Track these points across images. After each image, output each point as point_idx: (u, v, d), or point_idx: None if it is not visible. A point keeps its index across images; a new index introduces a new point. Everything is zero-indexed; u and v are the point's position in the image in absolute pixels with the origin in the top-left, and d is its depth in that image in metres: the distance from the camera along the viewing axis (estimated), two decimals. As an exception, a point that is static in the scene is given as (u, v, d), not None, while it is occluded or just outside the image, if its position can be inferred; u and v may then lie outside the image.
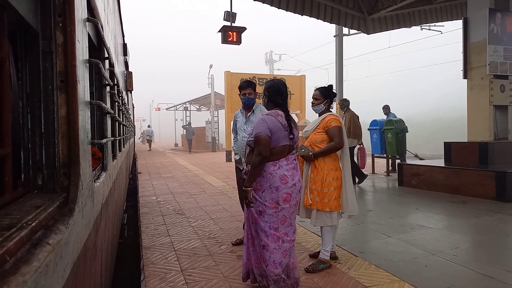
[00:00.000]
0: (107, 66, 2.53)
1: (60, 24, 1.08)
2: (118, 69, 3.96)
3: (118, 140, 3.37)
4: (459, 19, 10.32)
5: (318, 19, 9.36)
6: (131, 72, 7.28)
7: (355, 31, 11.56)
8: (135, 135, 19.47)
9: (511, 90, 6.95)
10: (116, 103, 3.22)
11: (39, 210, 0.89)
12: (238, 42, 8.61)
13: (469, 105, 7.03)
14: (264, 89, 2.56)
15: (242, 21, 8.72)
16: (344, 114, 7.30)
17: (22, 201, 0.97)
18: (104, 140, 2.00)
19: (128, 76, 6.89)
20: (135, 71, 7.81)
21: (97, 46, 2.09)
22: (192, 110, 28.16)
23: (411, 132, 8.73)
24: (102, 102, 1.99)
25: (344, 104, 7.46)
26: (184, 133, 22.60)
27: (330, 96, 3.09)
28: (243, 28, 8.59)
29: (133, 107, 15.77)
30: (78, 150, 1.13)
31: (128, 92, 7.35)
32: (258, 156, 2.23)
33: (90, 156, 1.43)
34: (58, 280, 0.84)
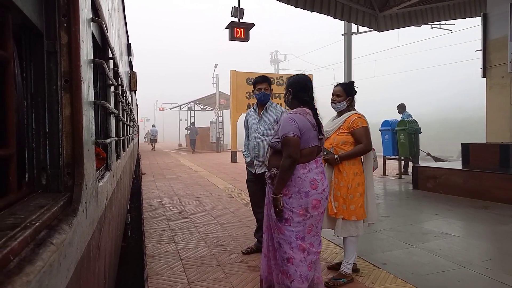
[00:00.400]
0: (111, 66, 2.54)
1: (65, 24, 1.09)
2: (122, 69, 3.97)
3: (122, 140, 3.38)
4: (476, 16, 9.94)
5: (328, 16, 9.04)
6: (135, 72, 7.31)
7: (364, 30, 11.17)
8: (139, 135, 19.53)
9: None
10: (120, 103, 3.23)
11: (43, 210, 0.89)
12: (246, 39, 8.22)
13: (488, 105, 6.69)
14: (287, 85, 2.33)
15: (248, 21, 8.61)
16: None
17: (26, 200, 0.97)
18: (108, 140, 2.01)
19: (132, 76, 6.92)
20: (140, 71, 7.84)
21: (101, 46, 2.10)
22: (196, 110, 28.17)
23: (418, 133, 8.63)
24: (106, 102, 1.99)
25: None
26: (188, 133, 22.63)
27: (353, 93, 2.83)
28: (251, 25, 8.22)
29: (137, 107, 15.84)
30: (82, 150, 1.13)
31: (132, 92, 7.38)
32: (288, 158, 2.04)
33: (94, 156, 1.43)
34: (62, 280, 0.84)
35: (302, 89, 2.25)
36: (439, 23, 12.07)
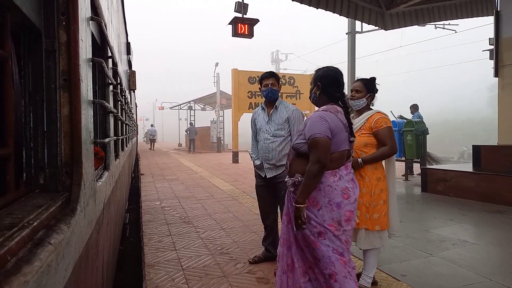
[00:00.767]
0: (110, 65, 2.53)
1: (64, 23, 1.08)
2: (121, 68, 3.97)
3: (120, 140, 3.37)
4: (485, 15, 9.71)
5: (334, 13, 8.81)
6: (134, 71, 7.30)
7: (368, 29, 11.02)
8: (137, 134, 19.51)
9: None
10: (119, 102, 3.23)
11: (41, 210, 0.89)
12: (250, 36, 7.84)
13: (500, 105, 6.52)
14: (314, 78, 2.05)
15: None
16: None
17: (24, 200, 0.96)
18: (107, 140, 2.00)
19: (131, 75, 6.91)
20: (139, 70, 7.82)
21: (100, 45, 2.09)
22: (196, 110, 28.08)
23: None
24: (105, 101, 1.98)
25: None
26: (188, 133, 22.58)
27: (374, 90, 2.60)
28: (256, 20, 7.85)
29: (136, 106, 15.83)
30: (81, 149, 1.13)
31: (131, 91, 7.37)
32: (316, 164, 1.77)
33: (92, 156, 1.42)
34: (60, 280, 0.84)
35: (333, 83, 1.99)
36: (443, 23, 11.82)
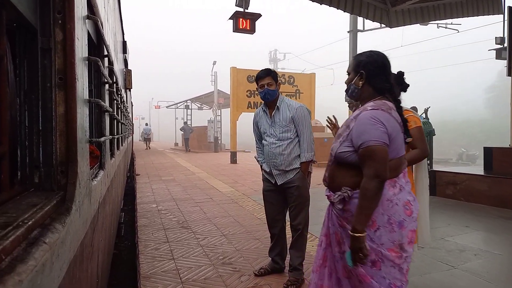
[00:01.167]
0: (106, 64, 2.52)
1: (60, 21, 1.08)
2: (117, 67, 3.95)
3: (116, 139, 3.35)
4: (494, 13, 9.56)
5: (338, 9, 8.56)
6: (131, 70, 7.27)
7: (370, 27, 10.91)
8: (133, 133, 19.41)
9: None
10: (115, 101, 3.21)
11: (35, 209, 0.88)
12: (251, 31, 7.41)
13: None
14: (355, 65, 1.64)
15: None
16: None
17: (19, 199, 0.96)
18: (102, 139, 2.00)
19: (127, 74, 6.88)
20: (135, 70, 7.77)
21: (96, 43, 2.08)
22: (193, 109, 27.99)
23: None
24: (100, 100, 1.98)
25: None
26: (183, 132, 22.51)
27: (403, 87, 2.21)
28: (258, 15, 7.40)
29: (132, 105, 15.76)
30: (76, 148, 1.12)
31: (127, 90, 7.34)
32: (374, 179, 1.41)
33: (88, 155, 1.42)
34: (55, 279, 0.83)
35: (381, 70, 1.60)
36: (446, 22, 11.65)
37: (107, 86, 2.46)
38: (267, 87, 2.71)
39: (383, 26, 10.08)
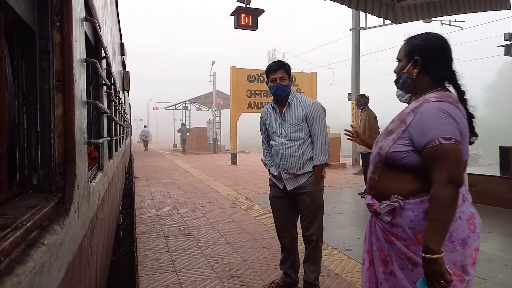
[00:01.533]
0: (104, 65, 2.53)
1: (57, 23, 1.08)
2: (115, 68, 3.95)
3: (114, 140, 3.35)
4: (503, 8, 9.26)
5: (342, 5, 8.19)
6: (128, 72, 7.27)
7: (373, 25, 10.67)
8: (131, 135, 19.38)
9: None
10: (113, 102, 3.21)
11: (34, 210, 0.88)
12: (254, 27, 7.13)
13: None
14: (408, 50, 1.38)
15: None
16: (361, 113, 6.49)
17: (17, 201, 0.96)
18: (101, 140, 2.00)
19: (125, 75, 6.88)
20: (133, 73, 7.76)
21: (94, 45, 2.09)
22: (192, 110, 27.90)
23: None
24: (98, 102, 1.98)
25: (361, 101, 6.39)
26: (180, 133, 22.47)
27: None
28: (260, 10, 7.10)
29: (130, 107, 15.74)
30: (74, 150, 1.13)
31: (125, 91, 7.33)
32: (449, 184, 1.17)
33: (86, 156, 1.42)
34: (53, 281, 0.84)
35: (440, 57, 1.34)
36: (449, 19, 11.41)
37: (105, 88, 2.46)
38: (279, 82, 2.41)
39: (386, 23, 9.88)
